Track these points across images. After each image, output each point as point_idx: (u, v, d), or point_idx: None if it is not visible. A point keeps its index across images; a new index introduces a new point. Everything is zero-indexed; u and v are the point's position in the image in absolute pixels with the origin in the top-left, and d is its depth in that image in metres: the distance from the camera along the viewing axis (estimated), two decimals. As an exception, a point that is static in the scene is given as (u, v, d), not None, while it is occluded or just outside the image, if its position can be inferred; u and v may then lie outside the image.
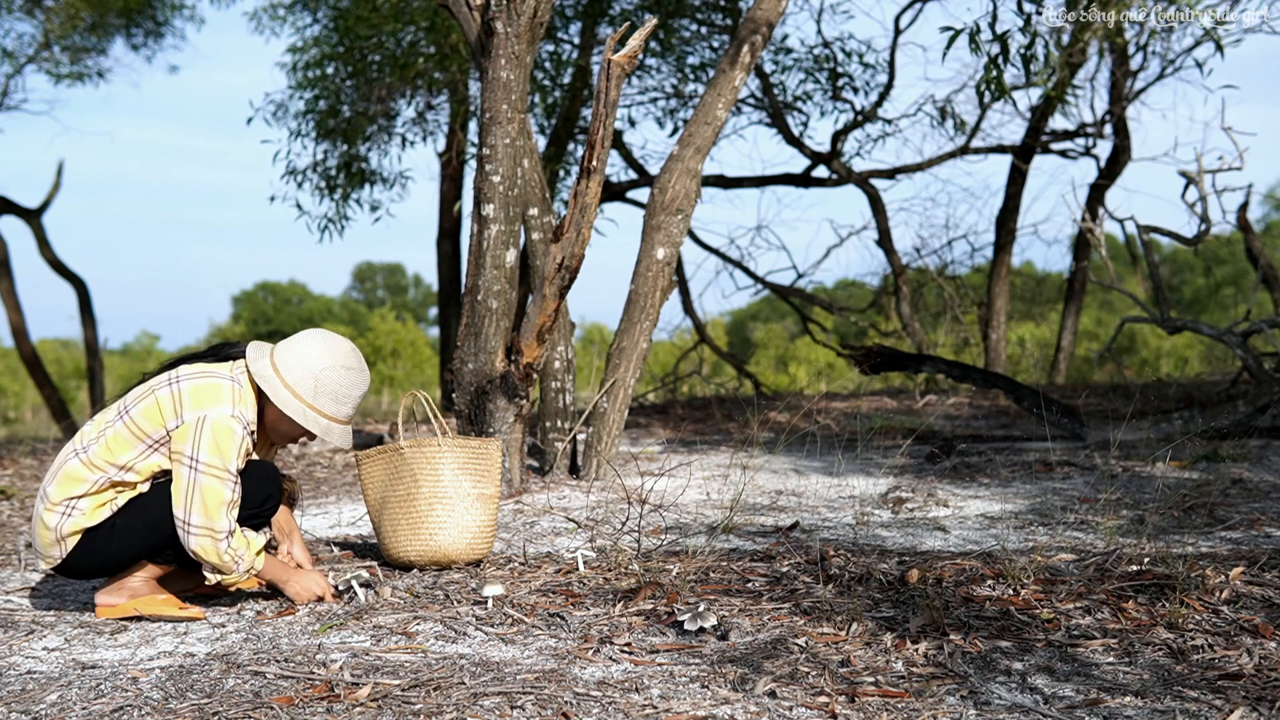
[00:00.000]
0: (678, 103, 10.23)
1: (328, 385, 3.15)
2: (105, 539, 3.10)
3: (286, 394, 3.12)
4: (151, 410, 3.06)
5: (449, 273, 11.99)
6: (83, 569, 3.17)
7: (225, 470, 3.01)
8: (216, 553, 3.02)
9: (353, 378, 3.20)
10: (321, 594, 3.25)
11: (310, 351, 3.16)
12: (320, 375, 3.14)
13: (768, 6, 5.53)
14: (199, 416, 3.02)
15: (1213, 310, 23.69)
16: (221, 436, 3.01)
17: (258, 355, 3.16)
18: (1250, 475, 5.10)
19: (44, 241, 14.36)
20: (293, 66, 10.07)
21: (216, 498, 3.00)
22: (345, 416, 3.22)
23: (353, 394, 3.21)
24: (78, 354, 26.49)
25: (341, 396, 3.18)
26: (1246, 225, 8.16)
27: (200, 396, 3.05)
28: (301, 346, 3.17)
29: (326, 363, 3.16)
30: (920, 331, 11.42)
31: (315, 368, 3.15)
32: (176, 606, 3.16)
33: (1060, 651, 2.66)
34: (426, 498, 3.58)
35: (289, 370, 3.14)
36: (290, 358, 3.15)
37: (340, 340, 3.23)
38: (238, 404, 3.07)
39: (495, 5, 4.67)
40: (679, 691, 2.45)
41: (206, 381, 3.09)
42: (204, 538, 3.01)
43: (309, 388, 3.14)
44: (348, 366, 3.19)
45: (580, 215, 4.42)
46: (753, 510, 4.58)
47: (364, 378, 3.23)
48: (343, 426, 3.22)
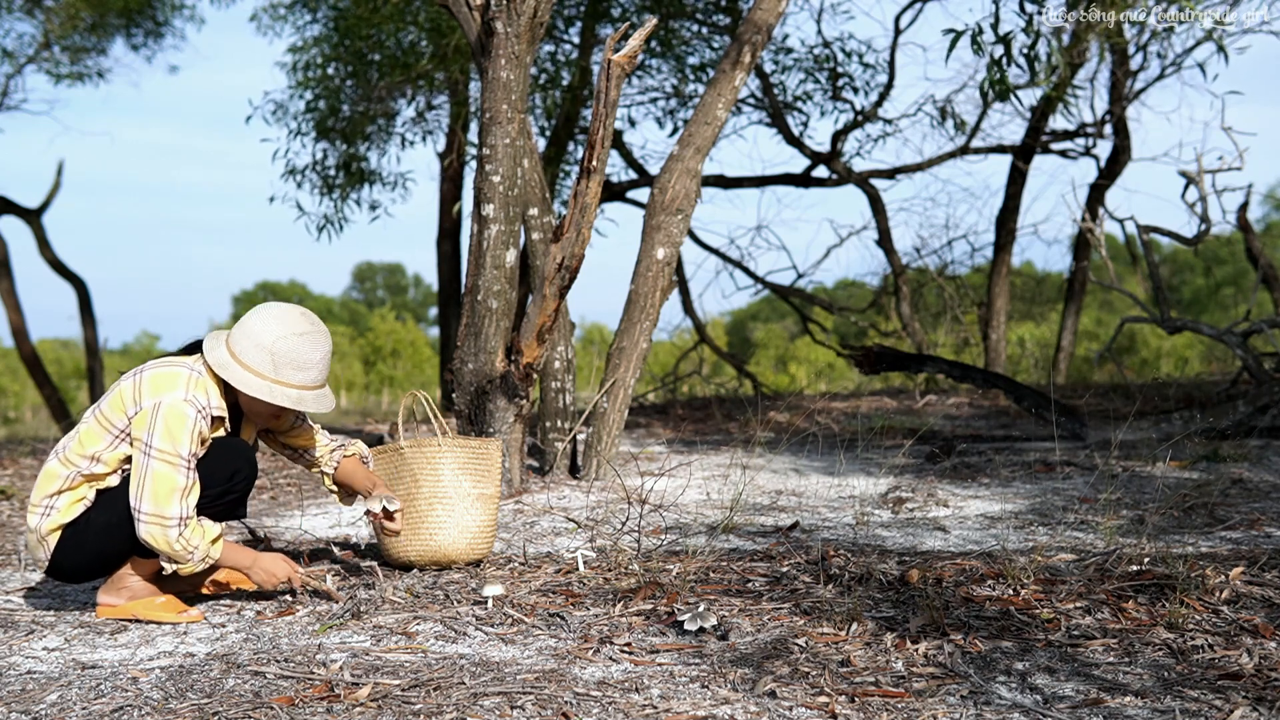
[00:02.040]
0: (678, 103, 10.23)
1: (285, 355, 3.10)
2: (82, 533, 3.11)
3: (247, 375, 3.09)
4: (116, 400, 3.08)
5: (449, 273, 11.99)
6: (67, 568, 3.17)
7: (177, 456, 2.99)
8: (166, 541, 3.00)
9: (309, 341, 3.13)
10: (287, 577, 3.22)
11: (260, 327, 3.11)
12: (274, 347, 3.09)
13: (767, 7, 5.53)
14: (155, 403, 3.02)
15: (1213, 310, 23.70)
16: (173, 422, 3.00)
17: (214, 345, 3.14)
18: (1250, 475, 5.10)
19: (44, 241, 14.36)
20: (293, 66, 10.07)
21: (167, 484, 2.99)
22: (314, 382, 3.15)
23: (313, 358, 3.13)
24: (78, 354, 26.49)
25: (303, 363, 3.12)
26: (1246, 225, 8.16)
27: (157, 384, 3.06)
28: (251, 325, 3.12)
29: (278, 333, 3.10)
30: (920, 331, 11.42)
31: (267, 341, 3.09)
32: (175, 610, 3.16)
33: (1060, 651, 2.66)
34: (426, 498, 3.58)
35: (244, 352, 3.10)
36: (242, 339, 3.11)
37: (289, 308, 3.17)
38: (192, 389, 3.05)
39: (495, 5, 4.67)
40: (679, 691, 2.45)
41: (165, 370, 3.09)
42: (153, 525, 3.00)
43: (267, 363, 3.09)
44: (300, 332, 3.12)
45: (580, 215, 4.42)
46: (753, 510, 4.58)
47: (321, 339, 3.16)
48: (316, 392, 3.16)
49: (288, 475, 5.96)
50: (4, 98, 13.55)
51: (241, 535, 4.32)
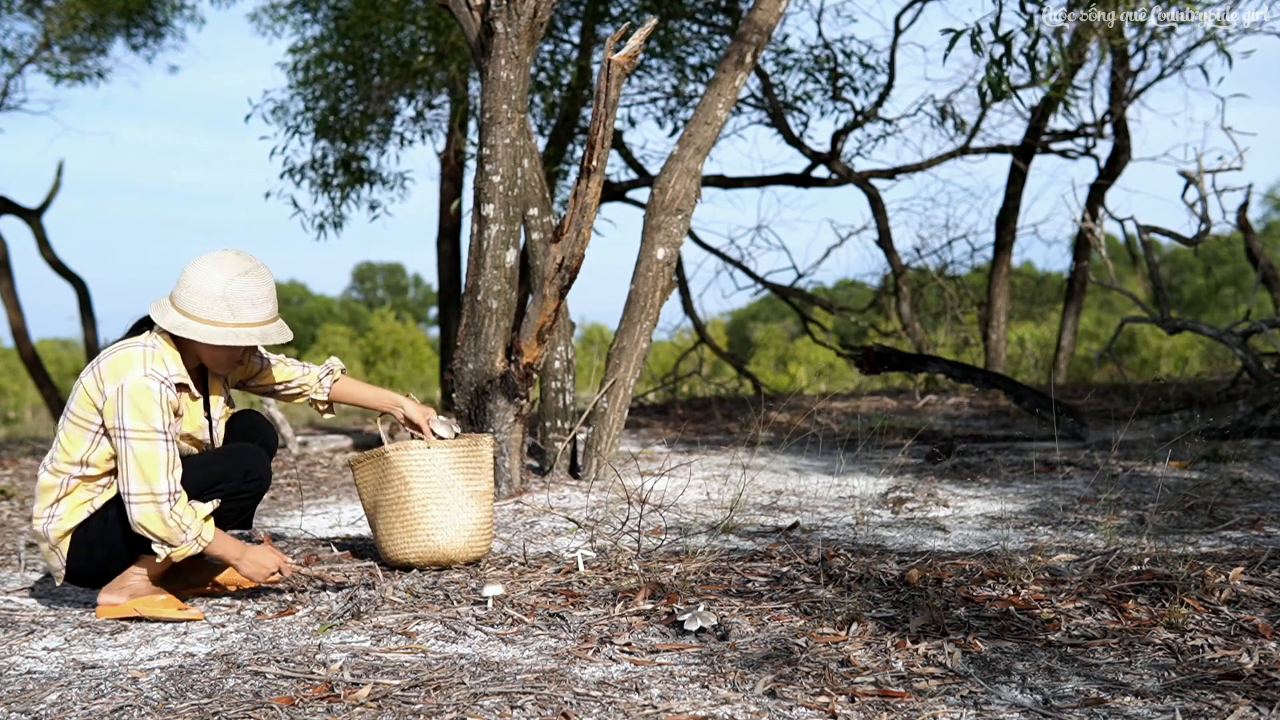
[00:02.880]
0: (678, 103, 10.23)
1: (238, 296, 3.13)
2: (91, 533, 3.14)
3: (207, 328, 3.10)
4: (83, 398, 3.10)
5: (449, 273, 11.98)
6: (84, 571, 3.19)
7: (151, 430, 3.01)
8: (160, 518, 3.00)
9: (255, 278, 3.16)
10: (276, 568, 3.21)
11: (204, 278, 3.13)
12: (225, 292, 3.11)
13: (767, 7, 5.53)
14: (117, 387, 3.03)
15: (1213, 310, 23.70)
16: (140, 398, 3.02)
17: (162, 312, 3.15)
18: (1250, 475, 5.10)
19: (44, 241, 14.36)
20: (293, 66, 10.07)
21: (150, 460, 3.00)
22: (270, 315, 3.19)
23: (262, 291, 3.16)
24: (78, 354, 26.49)
25: (255, 298, 3.15)
26: (1246, 225, 8.16)
27: (115, 369, 3.07)
28: (193, 278, 3.13)
29: (224, 278, 3.13)
30: (920, 331, 11.41)
31: (217, 289, 3.11)
32: (176, 607, 3.16)
33: (1061, 651, 2.66)
34: (419, 499, 3.56)
35: (197, 306, 3.11)
36: (190, 295, 3.12)
37: (223, 253, 3.19)
38: (150, 364, 3.07)
39: (495, 5, 4.67)
40: (679, 691, 2.45)
41: (119, 354, 3.10)
42: (145, 504, 3.00)
43: (224, 310, 3.12)
44: (244, 271, 3.15)
45: (580, 215, 4.42)
46: (753, 510, 4.58)
47: (264, 273, 3.20)
48: (275, 324, 3.21)
49: (288, 475, 5.97)
50: (4, 98, 13.54)
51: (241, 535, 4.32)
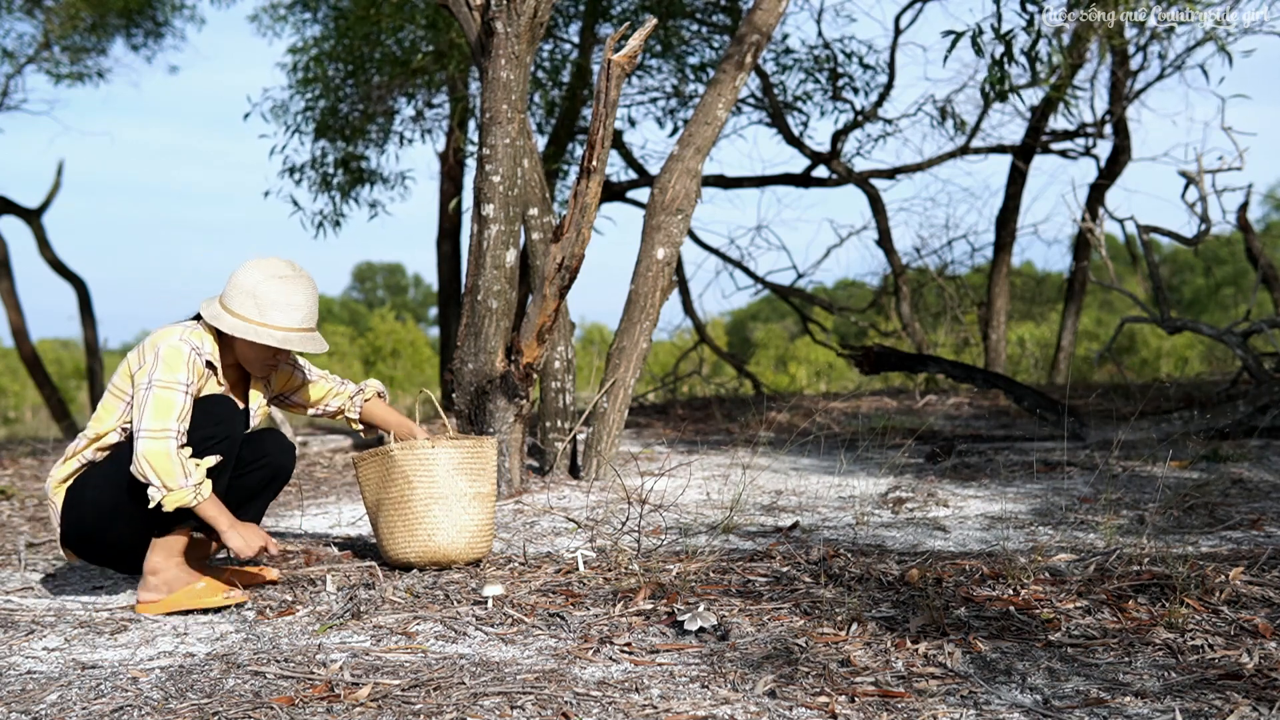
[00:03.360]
0: (678, 103, 10.23)
1: (268, 297, 3.25)
2: (80, 487, 3.25)
3: (235, 320, 3.24)
4: (124, 371, 3.27)
5: (449, 273, 11.99)
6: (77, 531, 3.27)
7: (175, 381, 3.14)
8: (164, 453, 3.06)
9: (291, 284, 3.29)
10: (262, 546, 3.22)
11: (243, 275, 3.29)
12: (256, 290, 3.25)
13: (767, 8, 5.53)
14: (154, 351, 3.19)
15: (1213, 310, 23.69)
16: (170, 356, 3.16)
17: (208, 302, 3.33)
18: (1250, 475, 5.10)
19: (44, 241, 14.36)
20: (293, 66, 10.06)
21: (167, 404, 3.11)
22: (299, 324, 3.29)
23: (296, 299, 3.28)
24: (78, 354, 26.47)
25: (284, 304, 3.26)
26: (1246, 225, 8.16)
27: (154, 339, 3.24)
28: (236, 274, 3.31)
29: (258, 278, 3.27)
30: (920, 331, 11.42)
31: (250, 285, 3.26)
32: (219, 592, 3.23)
33: (1060, 651, 2.66)
34: (422, 499, 3.57)
35: (231, 299, 3.27)
36: (229, 289, 3.29)
37: (272, 258, 3.34)
38: (186, 334, 3.23)
39: (495, 5, 4.67)
40: (679, 691, 2.45)
41: (161, 329, 3.28)
42: (154, 440, 3.07)
43: (252, 307, 3.25)
44: (281, 275, 3.29)
45: (580, 215, 4.42)
46: (753, 510, 4.58)
47: (304, 283, 3.32)
48: (303, 334, 3.29)
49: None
50: (4, 98, 13.55)
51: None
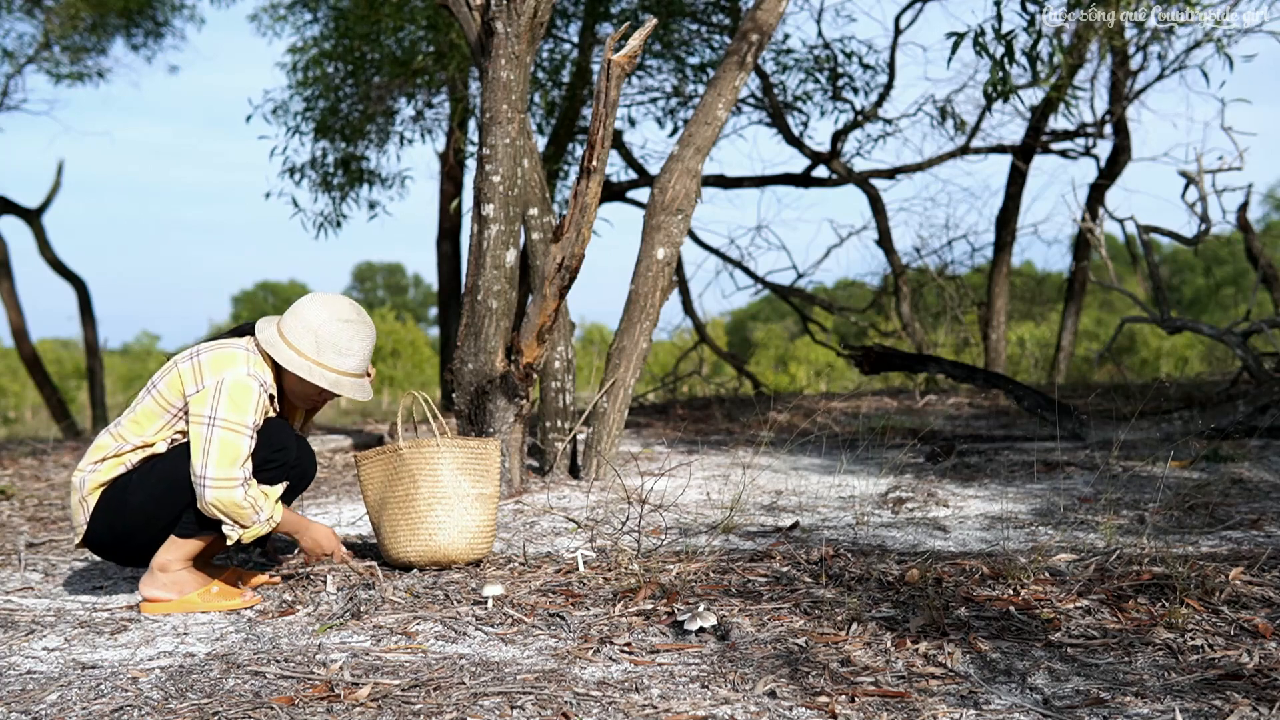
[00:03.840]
0: (678, 103, 10.23)
1: (329, 339, 3.24)
2: (120, 491, 3.19)
3: (291, 354, 3.22)
4: (174, 381, 3.19)
5: (449, 273, 11.99)
6: (104, 536, 3.23)
7: (242, 425, 3.10)
8: (234, 501, 3.08)
9: (353, 329, 3.28)
10: (331, 550, 3.35)
11: (308, 310, 3.27)
12: (320, 330, 3.24)
13: (767, 7, 5.53)
14: (217, 380, 3.14)
15: (1213, 310, 23.69)
16: (238, 394, 3.12)
17: (265, 325, 3.29)
18: (1250, 475, 5.10)
19: (44, 241, 14.36)
20: (293, 66, 10.06)
21: (232, 450, 3.08)
22: (353, 369, 3.29)
23: (354, 345, 3.28)
24: (78, 354, 26.48)
25: (344, 348, 3.26)
26: (1246, 225, 8.16)
27: (218, 364, 3.17)
28: (301, 307, 3.29)
29: (324, 317, 3.26)
30: (920, 331, 11.42)
31: (314, 323, 3.25)
32: (232, 596, 3.23)
33: (1060, 651, 2.66)
34: (425, 498, 3.58)
35: (291, 331, 3.25)
36: (292, 320, 3.27)
37: (339, 297, 3.34)
38: (253, 365, 3.18)
39: (495, 5, 4.67)
40: (679, 691, 2.45)
41: (223, 351, 3.21)
42: (220, 490, 3.07)
43: (311, 344, 3.23)
44: (346, 319, 3.28)
45: (580, 215, 4.42)
46: (753, 510, 4.58)
47: (366, 329, 3.32)
48: (354, 379, 3.30)
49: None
50: (4, 98, 13.55)
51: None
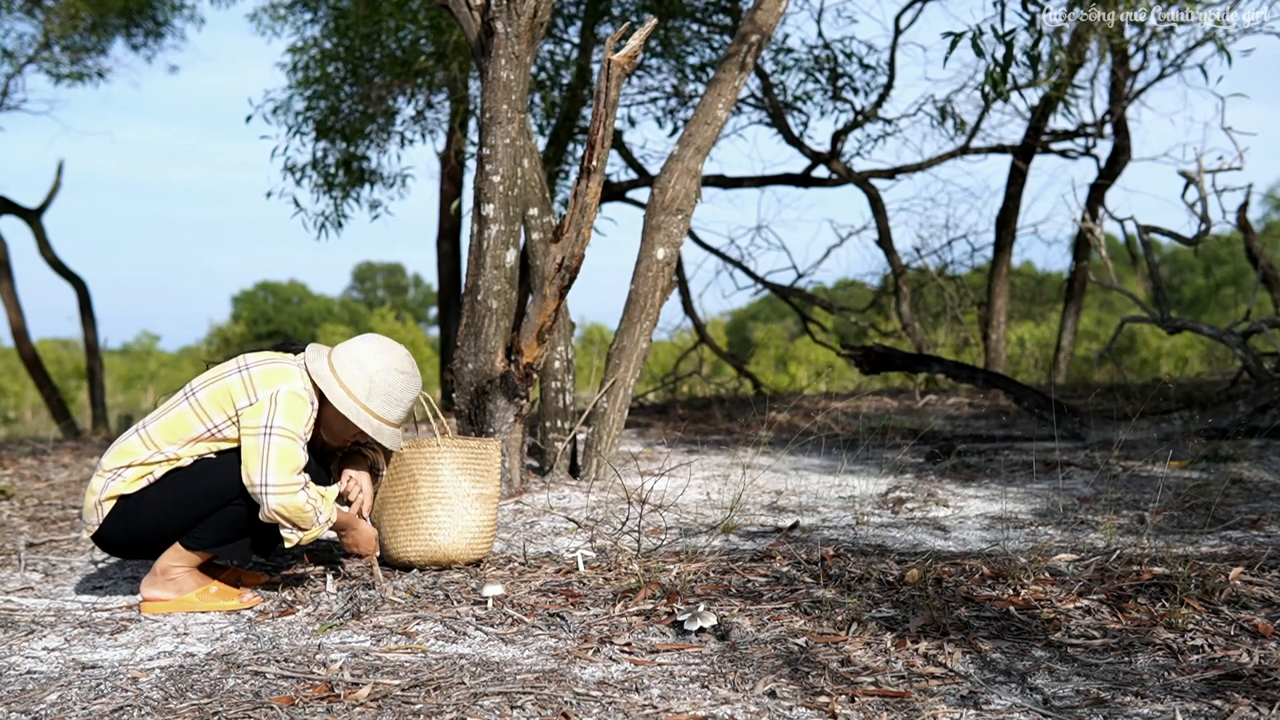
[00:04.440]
0: (678, 103, 10.23)
1: (381, 387, 3.25)
2: (135, 504, 3.18)
3: (342, 393, 3.22)
4: (220, 395, 3.18)
5: (449, 273, 11.99)
6: (116, 538, 3.23)
7: (295, 432, 3.13)
8: (297, 505, 3.10)
9: (406, 381, 3.30)
10: (366, 553, 3.40)
11: (367, 353, 3.27)
12: (375, 376, 3.25)
13: (767, 8, 5.53)
14: (273, 393, 3.15)
15: (1213, 310, 23.69)
16: (294, 405, 3.14)
17: (316, 355, 3.28)
18: (1250, 475, 5.10)
19: (44, 241, 14.35)
20: (293, 66, 10.06)
21: (291, 456, 3.11)
22: (396, 419, 3.32)
23: (405, 397, 3.30)
24: (78, 354, 26.46)
25: (394, 399, 3.27)
26: (1246, 225, 8.16)
27: (271, 377, 3.18)
28: (358, 348, 3.28)
29: (382, 365, 3.26)
30: (920, 331, 11.42)
31: (371, 369, 3.25)
32: (231, 597, 3.24)
33: (1061, 651, 2.66)
34: (425, 498, 3.58)
35: (345, 370, 3.24)
36: (347, 359, 3.26)
37: (396, 345, 3.34)
38: (306, 383, 3.20)
39: (495, 5, 4.67)
40: (679, 691, 2.45)
41: (276, 366, 3.22)
42: (283, 495, 3.09)
43: (364, 388, 3.24)
44: (402, 370, 3.29)
45: (580, 215, 4.42)
46: (753, 510, 4.58)
47: (416, 382, 3.34)
48: (393, 429, 3.31)
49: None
50: (4, 98, 13.55)
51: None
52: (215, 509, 3.17)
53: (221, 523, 3.19)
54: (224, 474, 3.15)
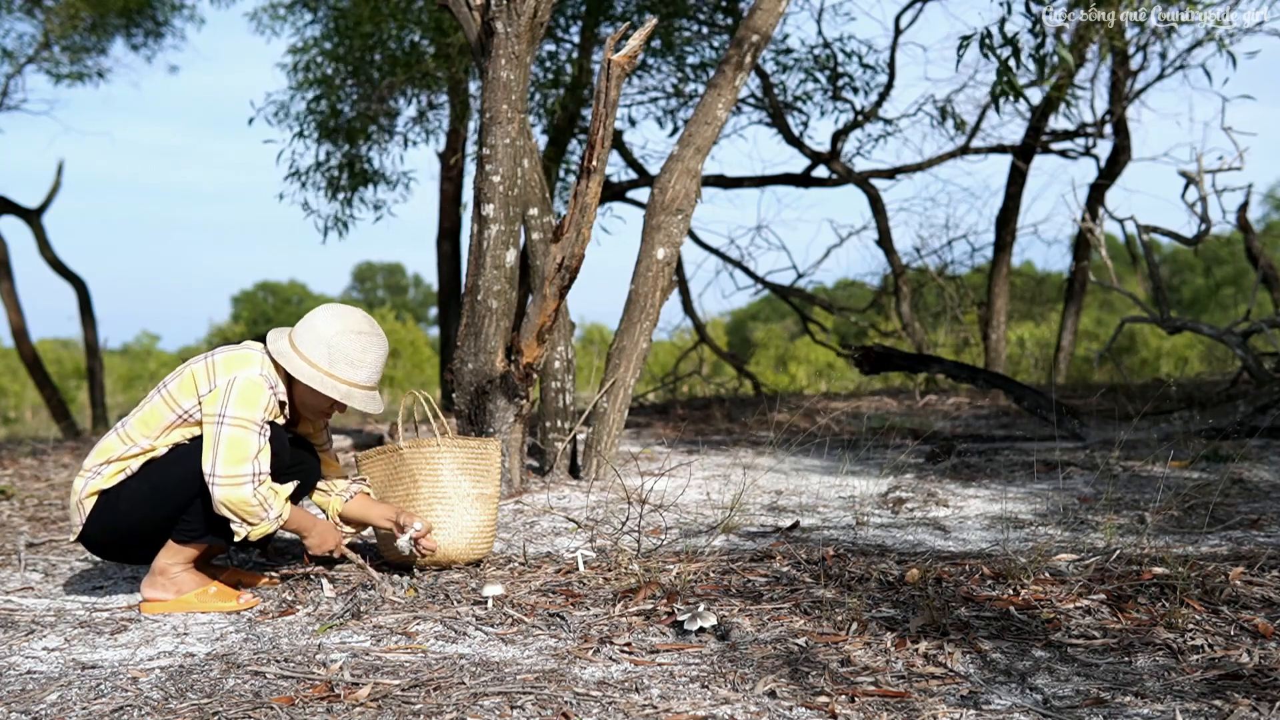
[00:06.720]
0: (678, 103, 10.23)
1: (341, 350, 3.24)
2: (115, 497, 3.18)
3: (302, 364, 3.22)
4: (186, 383, 3.19)
5: (449, 273, 11.98)
6: (95, 535, 3.23)
7: (252, 422, 3.10)
8: (243, 499, 3.07)
9: (365, 340, 3.27)
10: (335, 545, 3.36)
11: (321, 320, 3.27)
12: (332, 341, 3.24)
13: (767, 8, 5.53)
14: (229, 379, 3.14)
15: (1213, 310, 23.69)
16: (249, 391, 3.12)
17: (277, 336, 3.29)
18: (1250, 475, 5.10)
19: (44, 241, 14.36)
20: (293, 67, 10.07)
21: (241, 447, 3.08)
22: (365, 381, 3.29)
23: (367, 358, 3.27)
24: (78, 354, 26.46)
25: (356, 360, 3.26)
26: (1246, 225, 8.16)
27: (231, 364, 3.19)
28: (313, 318, 3.28)
29: (338, 328, 3.25)
30: (920, 331, 11.42)
31: (327, 334, 3.24)
32: (229, 598, 3.23)
33: (1061, 651, 2.66)
34: (425, 498, 3.58)
35: (303, 342, 3.24)
36: (304, 331, 3.26)
37: (352, 309, 3.33)
38: (265, 368, 3.19)
39: (495, 5, 4.67)
40: (679, 691, 2.45)
41: (237, 353, 3.23)
42: (229, 487, 3.06)
43: (324, 355, 3.23)
44: (359, 331, 3.27)
45: (580, 215, 4.42)
46: (753, 510, 4.58)
47: (378, 341, 3.31)
48: (365, 391, 3.29)
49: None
50: (4, 98, 13.55)
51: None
52: (192, 497, 3.15)
53: (206, 510, 3.17)
54: (198, 461, 3.13)
